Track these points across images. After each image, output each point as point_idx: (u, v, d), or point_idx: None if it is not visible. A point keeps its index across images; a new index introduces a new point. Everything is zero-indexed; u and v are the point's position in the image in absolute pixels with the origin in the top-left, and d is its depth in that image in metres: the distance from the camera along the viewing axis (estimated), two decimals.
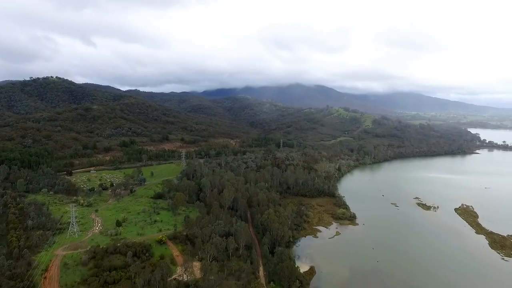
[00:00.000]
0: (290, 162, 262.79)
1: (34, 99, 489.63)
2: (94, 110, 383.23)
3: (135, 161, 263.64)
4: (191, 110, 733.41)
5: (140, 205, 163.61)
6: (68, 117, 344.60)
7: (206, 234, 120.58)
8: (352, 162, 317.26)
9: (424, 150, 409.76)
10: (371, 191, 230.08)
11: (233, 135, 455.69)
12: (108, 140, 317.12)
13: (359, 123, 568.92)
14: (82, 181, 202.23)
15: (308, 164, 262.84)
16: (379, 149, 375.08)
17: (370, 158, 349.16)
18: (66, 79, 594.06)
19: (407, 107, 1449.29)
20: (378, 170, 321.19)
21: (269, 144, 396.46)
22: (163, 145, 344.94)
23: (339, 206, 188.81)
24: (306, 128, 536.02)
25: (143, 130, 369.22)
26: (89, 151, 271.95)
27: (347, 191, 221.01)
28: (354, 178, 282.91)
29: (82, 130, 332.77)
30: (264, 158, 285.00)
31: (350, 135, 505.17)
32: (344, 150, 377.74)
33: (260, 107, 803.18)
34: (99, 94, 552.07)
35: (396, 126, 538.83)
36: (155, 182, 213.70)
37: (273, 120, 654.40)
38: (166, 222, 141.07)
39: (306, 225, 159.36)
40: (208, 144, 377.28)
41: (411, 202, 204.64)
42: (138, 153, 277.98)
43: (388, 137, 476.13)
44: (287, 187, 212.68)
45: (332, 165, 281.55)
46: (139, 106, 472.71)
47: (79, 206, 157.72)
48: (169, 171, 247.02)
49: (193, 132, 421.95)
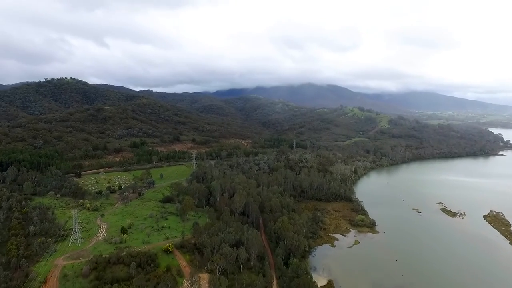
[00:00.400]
0: (304, 164, 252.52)
1: (48, 100, 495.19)
2: (106, 111, 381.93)
3: (145, 163, 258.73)
4: (203, 110, 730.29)
5: (147, 209, 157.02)
6: (80, 118, 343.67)
7: (216, 243, 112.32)
8: (368, 164, 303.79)
9: (444, 152, 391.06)
10: (390, 196, 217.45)
11: (245, 136, 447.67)
12: (119, 141, 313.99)
13: (375, 123, 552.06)
14: (91, 183, 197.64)
15: (323, 166, 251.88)
16: (396, 151, 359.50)
17: (387, 159, 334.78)
18: (80, 80, 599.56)
19: (422, 106, 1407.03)
20: (396, 172, 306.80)
21: (281, 145, 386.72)
22: (174, 145, 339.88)
23: (357, 212, 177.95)
24: (319, 128, 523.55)
25: (154, 130, 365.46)
26: (99, 152, 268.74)
27: (364, 195, 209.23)
28: (371, 181, 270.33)
29: (94, 130, 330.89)
30: (277, 160, 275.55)
31: (366, 135, 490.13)
32: (360, 151, 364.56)
33: (272, 107, 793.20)
34: (112, 95, 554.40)
35: (413, 126, 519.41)
36: (165, 184, 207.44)
37: (286, 120, 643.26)
38: (174, 229, 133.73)
39: (322, 233, 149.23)
40: (220, 145, 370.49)
41: (434, 208, 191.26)
42: (148, 155, 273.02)
43: (405, 138, 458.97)
44: (301, 191, 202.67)
45: (348, 167, 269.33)
46: (150, 106, 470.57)
47: (85, 210, 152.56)
48: (179, 173, 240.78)
49: (204, 133, 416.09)
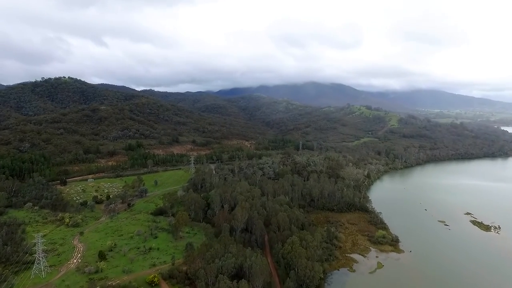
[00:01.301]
0: (312, 169, 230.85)
1: (44, 100, 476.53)
2: (101, 111, 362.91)
3: (139, 167, 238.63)
4: (205, 110, 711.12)
5: (136, 224, 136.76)
6: (73, 119, 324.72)
7: (212, 273, 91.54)
8: (381, 167, 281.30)
9: (460, 153, 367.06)
10: (410, 203, 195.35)
11: (248, 136, 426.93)
12: (114, 143, 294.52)
13: (384, 122, 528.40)
14: (76, 192, 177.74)
15: (333, 171, 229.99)
16: (410, 152, 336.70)
17: (400, 162, 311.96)
18: (78, 79, 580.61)
19: (428, 104, 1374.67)
20: (411, 176, 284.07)
21: (286, 146, 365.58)
22: (172, 148, 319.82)
23: (375, 225, 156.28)
24: (326, 128, 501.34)
25: (152, 131, 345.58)
26: (91, 156, 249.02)
27: (380, 204, 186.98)
28: (386, 186, 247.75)
29: (87, 132, 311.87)
30: (283, 163, 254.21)
31: (375, 135, 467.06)
32: (370, 152, 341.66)
33: (276, 106, 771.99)
34: (110, 94, 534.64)
35: (425, 125, 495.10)
36: (159, 193, 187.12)
37: (290, 120, 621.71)
38: (164, 251, 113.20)
39: (338, 252, 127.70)
40: (221, 146, 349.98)
41: (462, 219, 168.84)
42: (144, 158, 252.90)
43: (417, 138, 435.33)
44: (311, 200, 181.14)
45: (360, 171, 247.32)
46: (149, 106, 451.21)
47: (63, 226, 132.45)
48: (176, 178, 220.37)
49: (205, 134, 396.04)
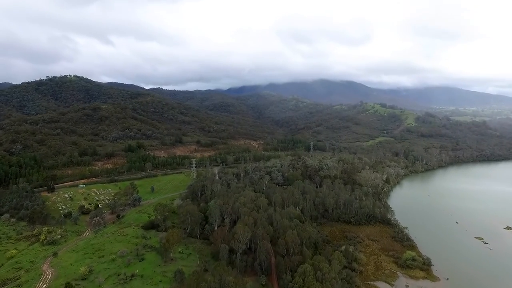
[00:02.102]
0: (325, 173, 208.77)
1: (48, 98, 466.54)
2: (103, 110, 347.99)
3: (137, 171, 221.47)
4: (213, 108, 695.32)
5: (122, 241, 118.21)
6: (72, 118, 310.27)
7: None
8: (401, 170, 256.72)
9: (486, 154, 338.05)
10: (437, 214, 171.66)
11: (256, 136, 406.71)
12: (113, 144, 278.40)
13: (400, 121, 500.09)
14: (63, 200, 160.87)
15: (349, 176, 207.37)
16: (431, 153, 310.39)
17: (421, 164, 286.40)
18: (84, 77, 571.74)
19: (442, 102, 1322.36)
20: (434, 180, 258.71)
21: (296, 146, 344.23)
22: (175, 149, 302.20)
23: (400, 242, 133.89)
24: (338, 127, 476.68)
25: (155, 131, 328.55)
26: (86, 158, 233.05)
27: (403, 214, 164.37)
28: (407, 192, 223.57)
29: (87, 132, 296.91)
30: (292, 166, 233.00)
31: (390, 134, 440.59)
32: (387, 154, 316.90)
33: (285, 104, 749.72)
34: (116, 93, 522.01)
35: (444, 124, 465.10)
36: (155, 201, 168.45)
37: (300, 118, 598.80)
38: (149, 278, 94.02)
39: (359, 279, 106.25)
40: (227, 147, 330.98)
41: (504, 235, 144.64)
42: (143, 161, 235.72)
43: (436, 138, 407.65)
44: (325, 210, 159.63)
45: (379, 176, 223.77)
46: (154, 104, 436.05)
47: (37, 244, 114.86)
48: (175, 184, 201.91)
49: (211, 133, 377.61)
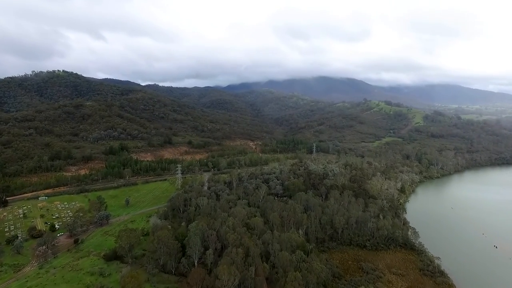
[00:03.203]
0: (331, 182, 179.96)
1: (32, 95, 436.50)
2: (86, 107, 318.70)
3: (115, 178, 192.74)
4: (210, 105, 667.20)
5: (71, 281, 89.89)
6: (50, 116, 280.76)
7: None
8: (415, 176, 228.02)
9: (505, 156, 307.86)
10: (468, 234, 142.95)
11: (254, 136, 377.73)
12: (93, 146, 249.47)
13: (407, 119, 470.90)
14: (15, 217, 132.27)
15: (359, 185, 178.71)
16: (445, 156, 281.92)
17: (436, 169, 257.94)
18: (74, 72, 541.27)
19: (443, 100, 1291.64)
20: (452, 187, 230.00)
21: (298, 148, 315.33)
22: (163, 150, 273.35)
23: (432, 277, 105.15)
24: (341, 126, 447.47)
25: (142, 131, 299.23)
26: (59, 162, 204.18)
27: (427, 234, 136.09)
28: (426, 203, 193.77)
29: (65, 132, 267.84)
30: (293, 172, 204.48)
31: (398, 134, 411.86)
32: (398, 156, 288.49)
33: (285, 101, 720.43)
34: (106, 89, 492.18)
35: (455, 123, 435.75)
36: (127, 218, 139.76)
37: (301, 116, 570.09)
38: None
39: None
40: (222, 148, 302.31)
41: None
42: (123, 166, 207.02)
43: (448, 138, 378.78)
44: (334, 231, 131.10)
45: (392, 184, 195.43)
46: (144, 101, 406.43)
47: None
48: (156, 194, 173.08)
49: (204, 133, 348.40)
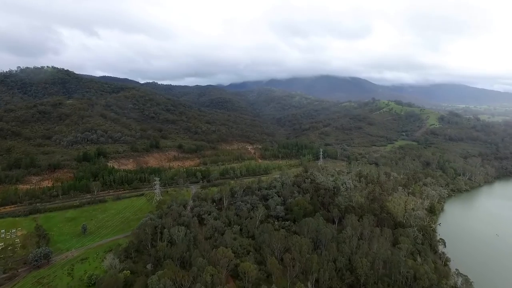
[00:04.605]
0: (345, 201, 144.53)
1: (14, 92, 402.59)
2: (65, 106, 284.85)
3: (80, 193, 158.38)
4: (209, 104, 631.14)
5: None
6: (20, 117, 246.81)
7: None
8: (443, 190, 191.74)
9: None
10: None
11: (253, 138, 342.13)
12: (65, 151, 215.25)
13: (420, 121, 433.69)
14: None
15: (381, 207, 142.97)
16: (472, 164, 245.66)
17: (464, 179, 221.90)
18: (64, 69, 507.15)
19: (449, 99, 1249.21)
20: (486, 203, 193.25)
21: (302, 153, 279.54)
22: (149, 156, 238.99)
23: None
24: (349, 127, 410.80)
25: (125, 133, 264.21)
26: (18, 172, 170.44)
27: (473, 273, 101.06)
28: (462, 228, 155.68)
29: (36, 135, 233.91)
30: (298, 186, 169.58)
31: (411, 137, 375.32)
32: (416, 163, 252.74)
33: (288, 100, 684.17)
34: (96, 86, 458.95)
35: (474, 124, 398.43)
36: (77, 254, 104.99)
37: (305, 116, 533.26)
38: None
39: None
40: (216, 153, 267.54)
41: None
42: (94, 176, 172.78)
43: (468, 142, 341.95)
44: (355, 279, 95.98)
45: (419, 202, 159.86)
46: (134, 99, 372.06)
47: None
48: (126, 216, 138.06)
49: (198, 135, 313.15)
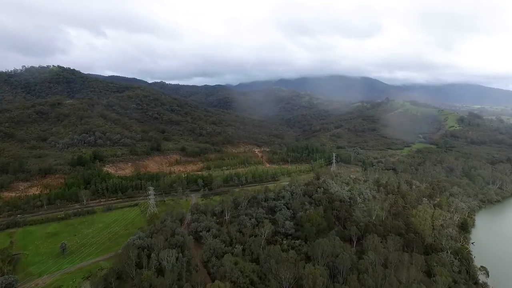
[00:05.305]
0: (364, 217, 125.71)
1: (18, 91, 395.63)
2: (65, 106, 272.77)
3: (68, 202, 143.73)
4: (217, 104, 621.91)
5: None
6: (15, 117, 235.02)
7: None
8: (473, 202, 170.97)
9: None
10: None
11: (261, 140, 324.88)
12: (59, 154, 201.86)
13: (438, 122, 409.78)
14: None
15: (406, 224, 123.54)
16: (502, 171, 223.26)
17: (494, 189, 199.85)
18: (70, 68, 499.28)
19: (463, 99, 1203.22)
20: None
21: (313, 157, 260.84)
22: (149, 160, 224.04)
23: None
24: (362, 129, 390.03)
25: (125, 135, 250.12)
26: (2, 178, 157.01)
27: None
28: (499, 247, 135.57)
29: (31, 137, 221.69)
30: (309, 196, 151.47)
31: (429, 140, 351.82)
32: (438, 169, 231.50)
33: (297, 100, 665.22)
34: (101, 85, 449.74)
35: (497, 127, 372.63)
36: (50, 281, 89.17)
37: (315, 117, 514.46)
38: None
39: None
40: (221, 156, 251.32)
41: None
42: (86, 183, 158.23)
43: (492, 145, 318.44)
44: None
45: (448, 217, 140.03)
46: (138, 99, 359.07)
47: None
48: (115, 231, 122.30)
49: (203, 137, 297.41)
